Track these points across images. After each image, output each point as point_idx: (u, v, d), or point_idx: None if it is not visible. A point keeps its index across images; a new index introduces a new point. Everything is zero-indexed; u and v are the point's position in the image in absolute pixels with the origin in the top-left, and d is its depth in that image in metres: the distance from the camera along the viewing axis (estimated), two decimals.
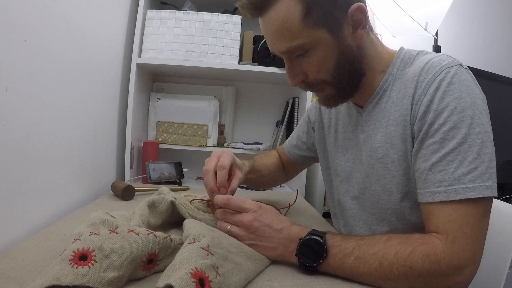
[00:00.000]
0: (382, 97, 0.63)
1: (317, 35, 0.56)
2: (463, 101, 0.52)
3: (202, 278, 0.40)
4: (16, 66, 0.62)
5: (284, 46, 0.58)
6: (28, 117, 0.67)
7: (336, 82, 0.61)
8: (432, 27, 1.42)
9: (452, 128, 0.51)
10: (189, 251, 0.45)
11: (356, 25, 0.58)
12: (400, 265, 0.48)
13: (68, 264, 0.40)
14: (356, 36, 0.58)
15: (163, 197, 0.66)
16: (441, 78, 0.54)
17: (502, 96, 0.53)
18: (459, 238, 0.48)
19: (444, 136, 0.52)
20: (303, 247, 0.53)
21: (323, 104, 0.67)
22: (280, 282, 0.51)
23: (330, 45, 0.57)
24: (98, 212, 0.54)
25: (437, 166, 0.52)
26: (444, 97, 0.53)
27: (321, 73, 0.60)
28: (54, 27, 0.75)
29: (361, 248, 0.51)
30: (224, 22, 1.31)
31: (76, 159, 0.90)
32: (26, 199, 0.68)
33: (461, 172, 0.50)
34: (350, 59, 0.59)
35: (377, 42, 0.65)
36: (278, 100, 1.65)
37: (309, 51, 0.58)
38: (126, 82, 1.26)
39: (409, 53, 0.63)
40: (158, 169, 1.24)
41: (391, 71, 0.63)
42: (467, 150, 0.50)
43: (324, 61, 0.59)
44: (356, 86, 0.64)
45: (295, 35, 0.56)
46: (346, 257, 0.51)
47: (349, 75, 0.61)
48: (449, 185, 0.50)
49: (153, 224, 0.63)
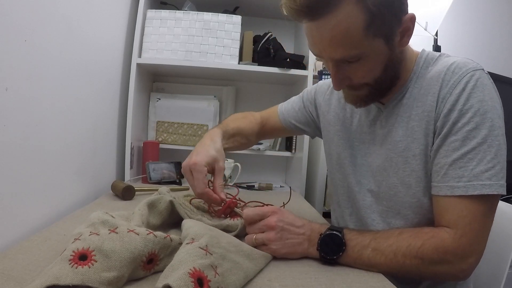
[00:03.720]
0: (404, 94, 0.66)
1: (375, 45, 0.56)
2: (485, 104, 0.56)
3: (201, 278, 0.40)
4: (16, 66, 0.62)
5: (340, 54, 0.57)
6: (28, 117, 0.67)
7: (376, 85, 0.62)
8: (432, 27, 1.42)
9: (474, 128, 0.55)
10: (188, 251, 0.45)
11: (404, 33, 0.59)
12: (412, 257, 0.55)
13: (68, 264, 0.40)
14: (402, 44, 0.60)
15: (162, 197, 0.66)
16: (467, 80, 0.57)
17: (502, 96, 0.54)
18: (467, 233, 0.54)
19: (466, 135, 0.56)
20: (324, 241, 0.58)
21: (354, 102, 0.66)
22: (280, 282, 0.51)
23: (383, 54, 0.58)
24: (98, 212, 0.54)
25: (458, 162, 0.56)
26: (469, 98, 0.56)
27: (366, 79, 0.61)
28: (54, 27, 0.75)
29: (376, 241, 0.57)
30: (224, 22, 1.31)
31: (76, 159, 0.90)
32: (26, 199, 0.68)
33: (479, 170, 0.54)
34: (395, 66, 0.62)
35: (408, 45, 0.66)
36: (278, 100, 1.62)
37: (361, 59, 0.57)
38: (126, 82, 1.26)
39: (432, 54, 0.66)
40: (158, 169, 1.24)
41: (415, 70, 0.65)
42: (486, 150, 0.55)
43: (374, 68, 0.60)
44: (390, 88, 0.65)
45: (355, 45, 0.55)
46: (364, 249, 0.57)
47: (390, 79, 0.63)
48: (468, 181, 0.55)
49: (153, 224, 0.63)
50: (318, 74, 1.47)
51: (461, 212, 0.55)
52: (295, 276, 0.53)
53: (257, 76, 1.46)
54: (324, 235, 0.58)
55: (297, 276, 0.53)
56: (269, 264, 0.57)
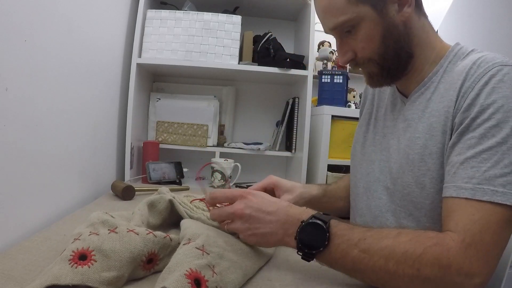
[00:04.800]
0: (428, 88, 0.63)
1: (361, 11, 0.58)
2: (511, 101, 0.50)
3: (198, 279, 0.40)
4: (16, 66, 0.62)
5: (332, 23, 0.61)
6: (28, 117, 0.67)
7: (381, 61, 0.62)
8: None
9: (495, 126, 0.49)
10: (184, 252, 0.45)
11: (403, 3, 0.59)
12: (407, 266, 0.45)
13: (68, 264, 0.40)
14: (402, 14, 0.60)
15: (161, 197, 0.66)
16: (492, 74, 0.52)
17: None
18: (476, 244, 0.45)
19: (484, 133, 0.50)
20: (304, 231, 0.50)
21: (368, 83, 0.67)
22: (280, 282, 0.51)
23: (375, 22, 0.59)
24: (97, 212, 0.54)
25: (470, 161, 0.50)
26: (492, 93, 0.51)
27: (367, 50, 0.61)
28: (54, 27, 0.75)
29: (367, 241, 0.48)
30: (224, 22, 1.31)
31: (76, 159, 0.90)
32: (26, 199, 0.68)
33: (493, 173, 0.48)
34: (395, 37, 0.60)
35: (430, 30, 0.65)
36: (278, 100, 1.65)
37: (355, 27, 0.60)
38: (126, 82, 1.26)
39: (464, 48, 0.62)
40: (158, 169, 1.24)
41: (442, 63, 0.62)
42: (505, 152, 0.48)
43: (370, 38, 0.60)
44: (403, 67, 0.63)
45: (340, 12, 0.59)
46: (350, 248, 0.48)
47: (395, 53, 0.61)
48: (478, 183, 0.48)
49: (153, 224, 0.63)
50: (318, 74, 1.47)
51: (472, 216, 0.47)
52: (295, 276, 0.53)
53: (257, 76, 1.46)
54: (306, 224, 0.50)
55: (297, 276, 0.53)
56: (269, 264, 0.57)
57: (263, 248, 0.57)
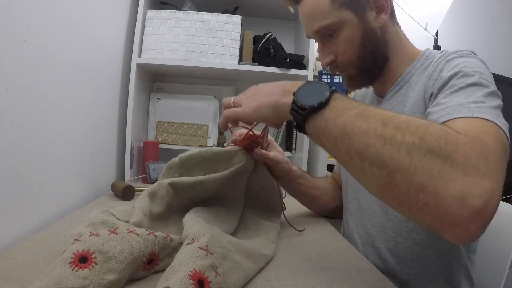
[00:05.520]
0: (402, 86, 0.69)
1: (343, 16, 0.64)
2: (472, 62, 0.55)
3: (202, 279, 0.40)
4: (16, 66, 0.62)
5: (316, 26, 0.66)
6: (28, 117, 0.67)
7: (360, 63, 0.67)
8: (432, 27, 1.42)
9: (463, 76, 0.53)
10: (188, 252, 0.44)
11: (380, 10, 0.66)
12: (408, 132, 0.38)
13: (69, 267, 0.40)
14: (379, 21, 0.66)
15: (160, 183, 0.64)
16: (453, 56, 0.60)
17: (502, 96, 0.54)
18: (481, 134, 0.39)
19: (454, 82, 0.54)
20: (305, 87, 0.47)
21: (347, 86, 0.72)
22: (280, 282, 0.51)
23: (355, 26, 0.64)
24: (97, 211, 0.54)
25: (443, 100, 0.52)
26: (454, 63, 0.57)
27: (348, 54, 0.66)
28: (54, 27, 0.75)
29: (368, 108, 0.42)
30: (224, 22, 1.31)
31: (76, 159, 0.90)
32: (26, 199, 0.68)
33: (466, 101, 0.48)
34: (373, 41, 0.66)
35: (403, 36, 0.71)
36: None
37: (337, 31, 0.65)
38: (126, 82, 1.26)
39: (434, 52, 0.69)
40: (158, 169, 1.24)
41: (414, 65, 0.68)
42: (475, 90, 0.50)
43: (350, 41, 0.65)
44: (379, 69, 0.69)
45: (325, 16, 0.64)
46: (347, 110, 0.42)
47: (372, 56, 0.67)
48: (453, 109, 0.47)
49: (156, 213, 0.60)
50: (318, 74, 1.47)
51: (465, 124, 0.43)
52: (295, 276, 0.53)
53: (257, 76, 1.46)
54: (309, 82, 0.47)
55: (297, 276, 0.53)
56: (269, 264, 0.57)
57: (264, 250, 0.57)
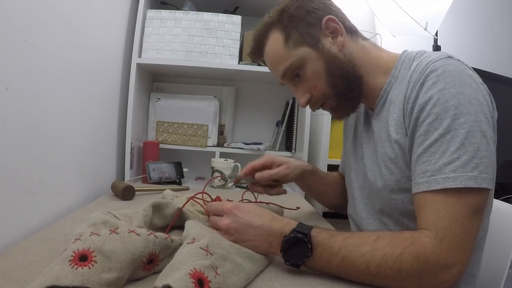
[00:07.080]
0: (386, 100, 0.66)
1: (300, 53, 0.65)
2: (446, 92, 0.53)
3: (201, 279, 0.40)
4: (16, 66, 0.62)
5: (280, 71, 0.68)
6: (28, 117, 0.67)
7: (334, 91, 0.66)
8: (432, 27, 1.42)
9: (435, 120, 0.53)
10: (188, 251, 0.45)
11: (335, 34, 0.65)
12: (388, 268, 0.49)
13: (68, 265, 0.40)
14: (338, 44, 0.65)
15: (170, 203, 0.67)
16: (427, 73, 0.56)
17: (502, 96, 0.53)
18: (448, 236, 0.48)
19: (427, 128, 0.54)
20: (287, 244, 0.52)
21: (336, 117, 0.73)
22: (280, 282, 0.51)
23: (316, 58, 0.65)
24: (98, 212, 0.54)
25: (422, 157, 0.54)
26: (428, 91, 0.55)
27: (319, 87, 0.66)
28: (54, 27, 0.75)
29: (347, 249, 0.51)
30: (224, 22, 1.31)
31: (76, 159, 0.90)
32: (26, 199, 0.68)
33: (442, 163, 0.51)
34: (338, 65, 0.65)
35: (372, 48, 0.69)
36: (278, 100, 1.65)
37: (301, 69, 0.66)
38: (126, 82, 1.26)
39: (410, 55, 0.65)
40: (158, 169, 1.24)
41: (393, 73, 0.65)
42: (449, 140, 0.51)
43: (317, 74, 0.65)
44: (357, 90, 0.67)
45: (284, 59, 0.66)
46: (332, 257, 0.51)
47: (343, 80, 0.65)
48: (431, 176, 0.52)
49: (156, 225, 0.63)
50: None
51: (438, 212, 0.50)
52: (295, 276, 0.53)
53: (257, 76, 1.46)
54: (288, 239, 0.52)
55: (297, 276, 0.53)
56: (269, 264, 0.57)
57: None
